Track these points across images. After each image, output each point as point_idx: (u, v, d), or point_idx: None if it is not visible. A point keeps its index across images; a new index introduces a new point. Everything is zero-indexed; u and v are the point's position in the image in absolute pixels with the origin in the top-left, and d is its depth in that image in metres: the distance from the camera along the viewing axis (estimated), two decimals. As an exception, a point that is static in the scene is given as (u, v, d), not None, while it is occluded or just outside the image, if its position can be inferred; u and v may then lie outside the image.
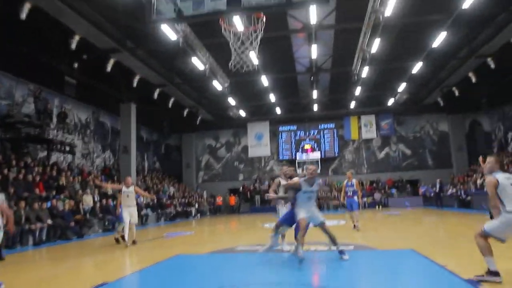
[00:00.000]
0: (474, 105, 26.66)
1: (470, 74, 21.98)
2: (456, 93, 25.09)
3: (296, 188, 6.71)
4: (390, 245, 8.30)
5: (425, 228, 12.07)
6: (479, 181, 20.75)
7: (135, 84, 20.44)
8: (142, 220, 18.46)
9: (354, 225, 11.44)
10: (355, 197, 11.43)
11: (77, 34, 15.05)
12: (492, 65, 19.83)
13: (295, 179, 6.86)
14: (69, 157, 18.75)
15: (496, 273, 4.74)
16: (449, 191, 23.46)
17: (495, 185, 4.84)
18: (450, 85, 24.17)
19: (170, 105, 25.10)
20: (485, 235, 4.90)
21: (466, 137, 28.49)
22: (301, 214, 6.61)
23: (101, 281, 5.48)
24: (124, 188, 9.84)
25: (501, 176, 4.90)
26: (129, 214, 9.62)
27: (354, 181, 11.62)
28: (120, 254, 8.45)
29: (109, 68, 17.77)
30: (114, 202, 15.92)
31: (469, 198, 20.61)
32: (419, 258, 6.45)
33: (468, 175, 23.67)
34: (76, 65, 17.17)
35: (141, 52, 18.11)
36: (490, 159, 5.15)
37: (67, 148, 16.91)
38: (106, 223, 15.45)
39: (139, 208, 18.54)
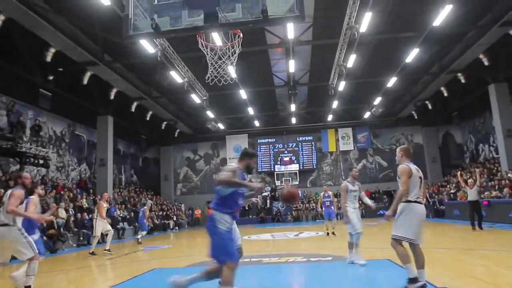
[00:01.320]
0: (446, 118, 27.51)
1: (442, 89, 22.80)
2: (430, 107, 25.90)
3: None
4: (367, 255, 8.42)
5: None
6: (452, 191, 21.35)
7: (112, 97, 20.29)
8: (119, 234, 18.12)
9: (332, 233, 12.95)
10: (332, 207, 12.99)
11: (53, 47, 14.90)
12: (463, 80, 20.65)
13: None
14: (43, 170, 18.34)
15: (414, 280, 4.82)
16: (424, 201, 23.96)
17: (408, 173, 4.82)
18: (424, 99, 24.95)
19: (148, 118, 24.98)
20: (398, 241, 4.95)
21: (439, 149, 29.31)
22: None
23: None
24: (105, 204, 11.61)
25: (413, 167, 4.92)
26: (103, 227, 11.20)
27: (330, 193, 13.26)
28: (95, 270, 8.29)
29: (85, 81, 17.63)
30: (90, 216, 15.64)
31: (443, 207, 21.10)
32: (395, 268, 6.58)
33: (442, 185, 24.28)
34: (51, 77, 16.90)
35: (119, 66, 18.02)
36: (400, 148, 5.16)
37: (41, 161, 16.50)
38: (81, 238, 15.09)
39: (116, 221, 18.27)
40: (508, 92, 19.79)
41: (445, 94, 23.29)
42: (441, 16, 13.71)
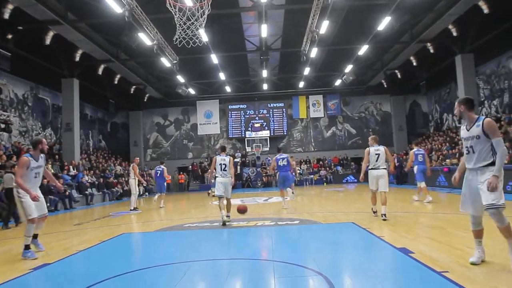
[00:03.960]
0: (414, 87, 28.12)
1: (412, 58, 23.13)
2: (399, 76, 26.32)
3: None
4: (333, 219, 8.72)
5: (365, 203, 12.75)
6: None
7: (77, 59, 19.49)
8: (87, 200, 17.92)
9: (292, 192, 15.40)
10: (292, 173, 14.43)
11: (11, 2, 13.98)
12: (431, 50, 20.99)
13: None
14: (5, 135, 17.67)
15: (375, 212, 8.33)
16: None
17: (368, 152, 8.18)
18: (393, 68, 25.28)
19: (116, 81, 24.21)
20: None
21: (406, 117, 30.11)
22: None
23: (41, 263, 5.34)
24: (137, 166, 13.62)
25: (372, 148, 8.20)
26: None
27: (293, 162, 14.96)
28: (63, 235, 8.22)
29: (48, 41, 16.78)
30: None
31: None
32: (359, 230, 6.86)
33: (407, 153, 25.08)
34: (10, 36, 15.95)
35: (84, 25, 17.18)
36: (370, 137, 8.55)
37: (2, 126, 15.85)
38: (48, 204, 14.81)
39: (84, 187, 18.02)
40: (474, 63, 20.33)
41: (414, 64, 23.69)
42: (414, -16, 13.69)
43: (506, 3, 15.84)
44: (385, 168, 8.09)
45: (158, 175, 14.62)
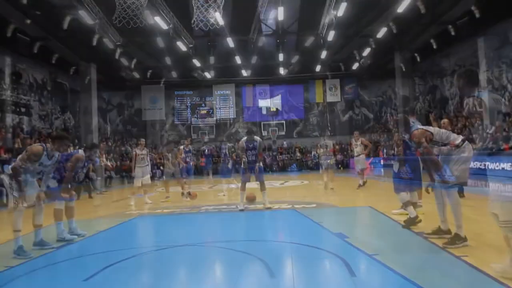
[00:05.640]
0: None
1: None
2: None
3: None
4: (277, 206, 8.88)
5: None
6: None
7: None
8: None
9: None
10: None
11: None
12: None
13: None
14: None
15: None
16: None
17: (319, 146, 10.80)
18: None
19: (53, 61, 22.67)
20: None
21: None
22: None
23: None
24: (138, 151, 10.89)
25: (322, 141, 10.90)
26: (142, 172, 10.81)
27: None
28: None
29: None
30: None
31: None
32: (299, 216, 7.08)
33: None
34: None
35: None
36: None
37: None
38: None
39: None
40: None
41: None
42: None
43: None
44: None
45: None
